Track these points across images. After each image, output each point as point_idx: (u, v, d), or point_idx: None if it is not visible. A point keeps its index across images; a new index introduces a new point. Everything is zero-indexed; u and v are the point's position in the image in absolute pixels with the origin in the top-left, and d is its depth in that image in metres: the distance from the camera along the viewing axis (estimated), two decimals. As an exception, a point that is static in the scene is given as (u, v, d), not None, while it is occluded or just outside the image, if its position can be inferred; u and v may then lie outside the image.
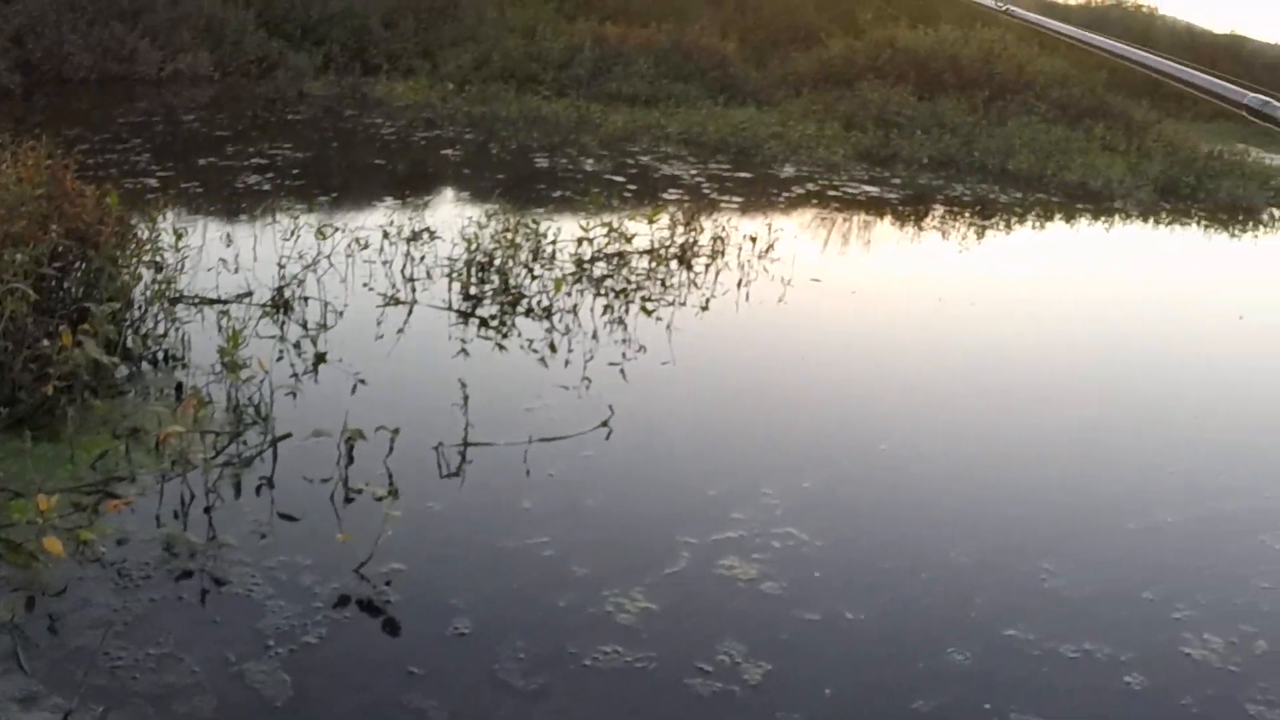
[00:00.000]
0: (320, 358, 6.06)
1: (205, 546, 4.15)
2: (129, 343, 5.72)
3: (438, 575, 4.16)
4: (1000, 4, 3.90)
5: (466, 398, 5.18)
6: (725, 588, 4.24)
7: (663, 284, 8.08)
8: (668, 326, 7.22)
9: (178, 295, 6.50)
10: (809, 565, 4.47)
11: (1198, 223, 15.46)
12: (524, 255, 7.97)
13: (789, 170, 13.86)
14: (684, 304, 7.75)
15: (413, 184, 10.79)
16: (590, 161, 12.33)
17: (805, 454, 5.66)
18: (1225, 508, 5.71)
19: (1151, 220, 14.77)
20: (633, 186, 11.40)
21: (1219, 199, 17.45)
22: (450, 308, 7.10)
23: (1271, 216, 17.15)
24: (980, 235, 12.13)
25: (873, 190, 13.55)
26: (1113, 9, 44.63)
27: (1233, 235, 15.08)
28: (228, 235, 8.16)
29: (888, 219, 12.34)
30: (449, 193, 10.47)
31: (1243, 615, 4.56)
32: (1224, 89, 2.50)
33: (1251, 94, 2.44)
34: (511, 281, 7.55)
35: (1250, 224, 16.14)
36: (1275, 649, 4.36)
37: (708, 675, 3.69)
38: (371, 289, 7.39)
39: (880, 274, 9.63)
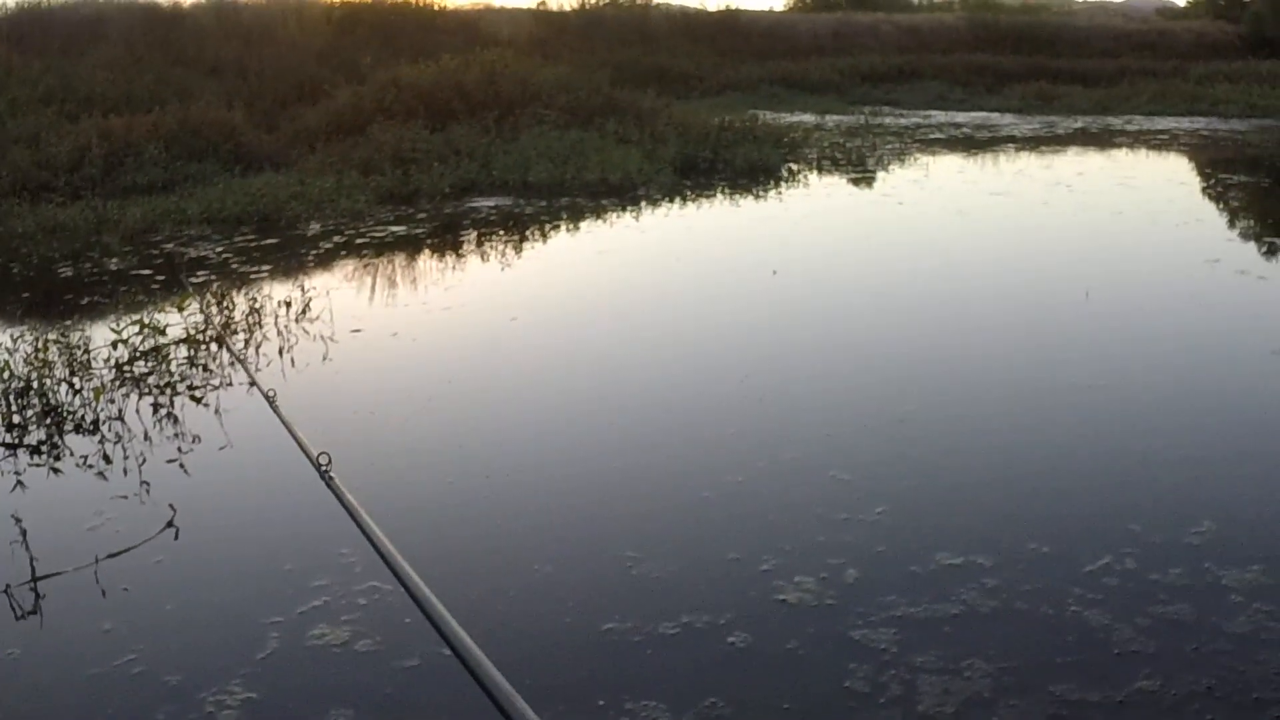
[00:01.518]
0: None
1: None
2: None
3: None
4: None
5: (25, 532, 5.21)
6: (321, 656, 4.43)
7: (205, 369, 8.14)
8: (218, 410, 7.32)
9: None
10: (398, 614, 4.68)
11: (721, 192, 16.46)
12: (61, 372, 7.88)
13: (315, 227, 14.00)
14: (231, 384, 7.83)
15: (-67, 323, 10.44)
16: (115, 261, 12.15)
17: (372, 504, 5.88)
18: (789, 455, 6.30)
19: (677, 200, 15.64)
20: (160, 277, 11.33)
21: (737, 167, 18.62)
22: (-5, 443, 7.01)
23: (790, 172, 18.41)
24: (517, 250, 12.63)
25: (400, 229, 13.87)
26: (608, 7, 46.34)
27: (757, 197, 16.12)
28: None
29: (420, 254, 12.67)
30: (-27, 324, 10.19)
31: (828, 550, 5.10)
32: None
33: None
34: (53, 401, 7.46)
35: (770, 183, 17.30)
36: (865, 575, 4.91)
37: (315, 744, 3.89)
38: (-96, 442, 7.19)
39: (419, 310, 9.92)
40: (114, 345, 8.24)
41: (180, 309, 8.76)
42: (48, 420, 7.22)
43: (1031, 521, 5.48)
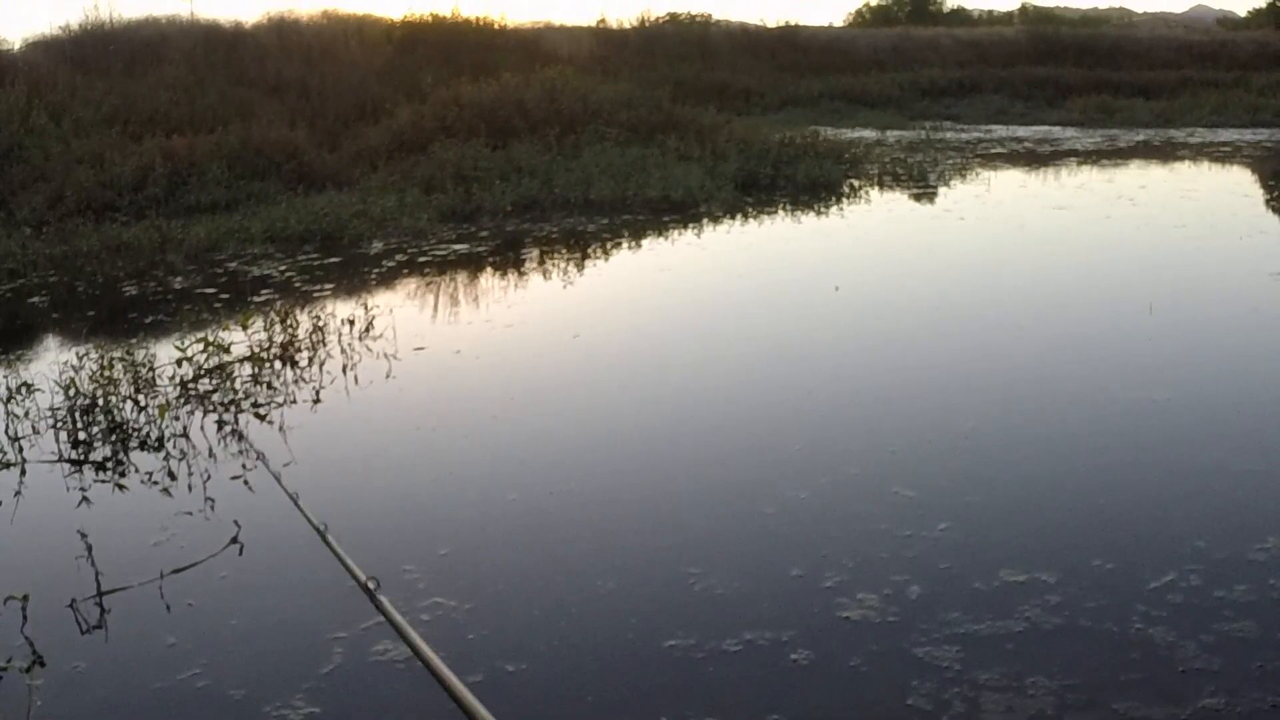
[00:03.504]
0: (-68, 541, 5.97)
1: None
2: None
3: (95, 732, 4.20)
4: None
5: (90, 547, 5.27)
6: (384, 672, 4.45)
7: (269, 386, 8.23)
8: (281, 428, 7.39)
9: None
10: (461, 630, 4.73)
11: (783, 208, 16.46)
12: (126, 389, 7.97)
13: (378, 246, 14.11)
14: (295, 402, 7.91)
15: (2, 340, 10.58)
16: (179, 279, 12.29)
17: (441, 522, 5.94)
18: (852, 471, 6.30)
19: (739, 216, 15.64)
20: (224, 295, 11.45)
21: (798, 183, 18.60)
22: (62, 459, 7.05)
23: (851, 188, 18.38)
24: (579, 267, 12.69)
25: (462, 248, 13.95)
26: (668, 23, 46.47)
27: (818, 213, 16.11)
28: None
29: (482, 272, 12.74)
30: (42, 341, 10.30)
31: (892, 567, 5.09)
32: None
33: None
34: (118, 418, 7.55)
35: (832, 199, 17.28)
36: (928, 591, 4.90)
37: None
38: (-26, 459, 7.29)
39: (482, 327, 9.96)
40: (178, 363, 8.33)
41: (245, 326, 8.85)
42: (113, 437, 7.31)
43: (1095, 538, 5.44)
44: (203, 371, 8.37)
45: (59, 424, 7.52)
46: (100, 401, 7.70)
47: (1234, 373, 8.25)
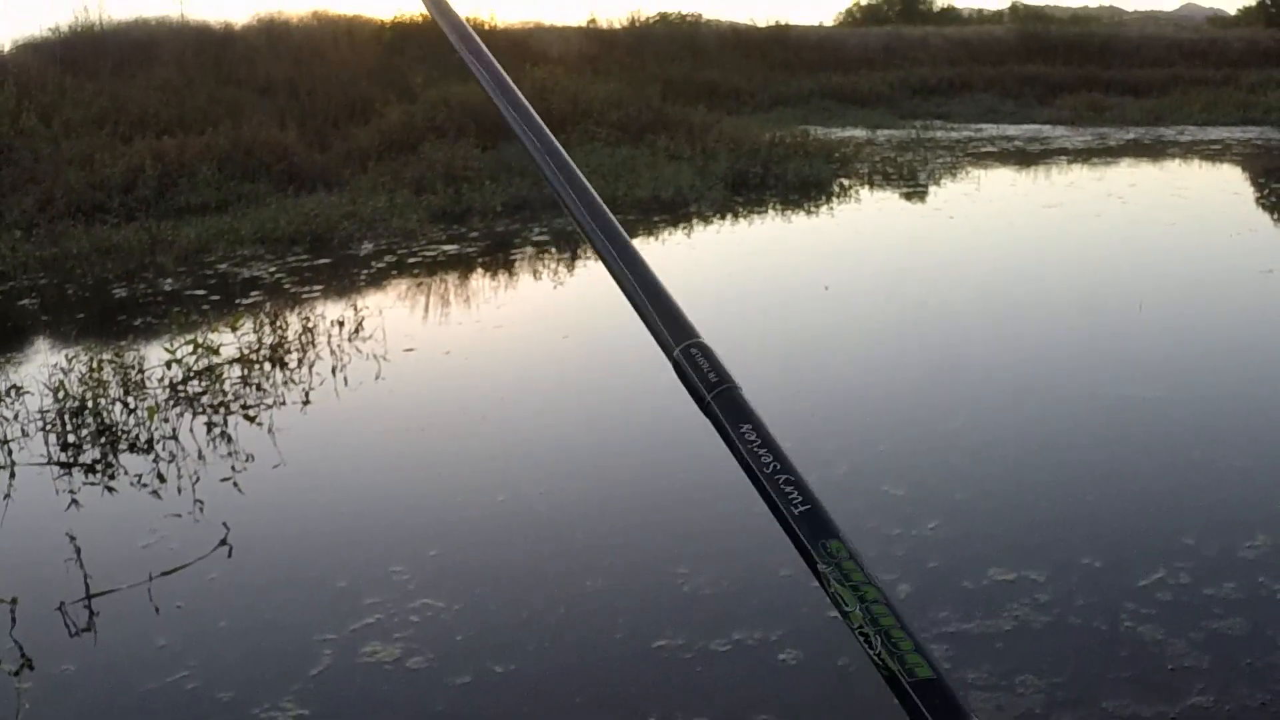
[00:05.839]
0: (-79, 544, 5.97)
1: None
2: None
3: (83, 733, 4.20)
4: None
5: (79, 550, 5.27)
6: (374, 673, 4.46)
7: (259, 388, 8.22)
8: (270, 430, 7.38)
9: None
10: (450, 631, 4.73)
11: (773, 207, 16.46)
12: (115, 391, 7.97)
13: (368, 247, 14.09)
14: (284, 403, 7.90)
15: (-9, 343, 10.56)
16: (169, 281, 12.27)
17: (430, 523, 5.94)
18: (841, 471, 6.26)
19: (729, 216, 15.65)
20: (214, 297, 11.43)
21: (789, 182, 18.60)
22: (51, 462, 7.04)
23: (841, 187, 18.39)
24: (569, 268, 12.69)
25: (452, 249, 13.94)
26: (658, 23, 46.47)
27: (808, 212, 16.11)
28: None
29: (472, 273, 12.73)
30: (32, 344, 10.28)
31: (880, 566, 5.09)
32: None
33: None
34: (107, 420, 7.54)
35: (822, 198, 17.28)
36: (917, 590, 4.88)
37: (364, 758, 3.93)
38: (-37, 462, 7.28)
39: (472, 328, 9.96)
40: (168, 365, 8.32)
41: (234, 328, 8.84)
42: (102, 439, 7.30)
43: (1084, 535, 5.45)
44: (192, 373, 8.36)
45: (48, 426, 7.51)
46: (89, 404, 7.70)
47: (1223, 370, 8.26)
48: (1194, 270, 12.07)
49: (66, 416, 7.60)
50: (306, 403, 7.92)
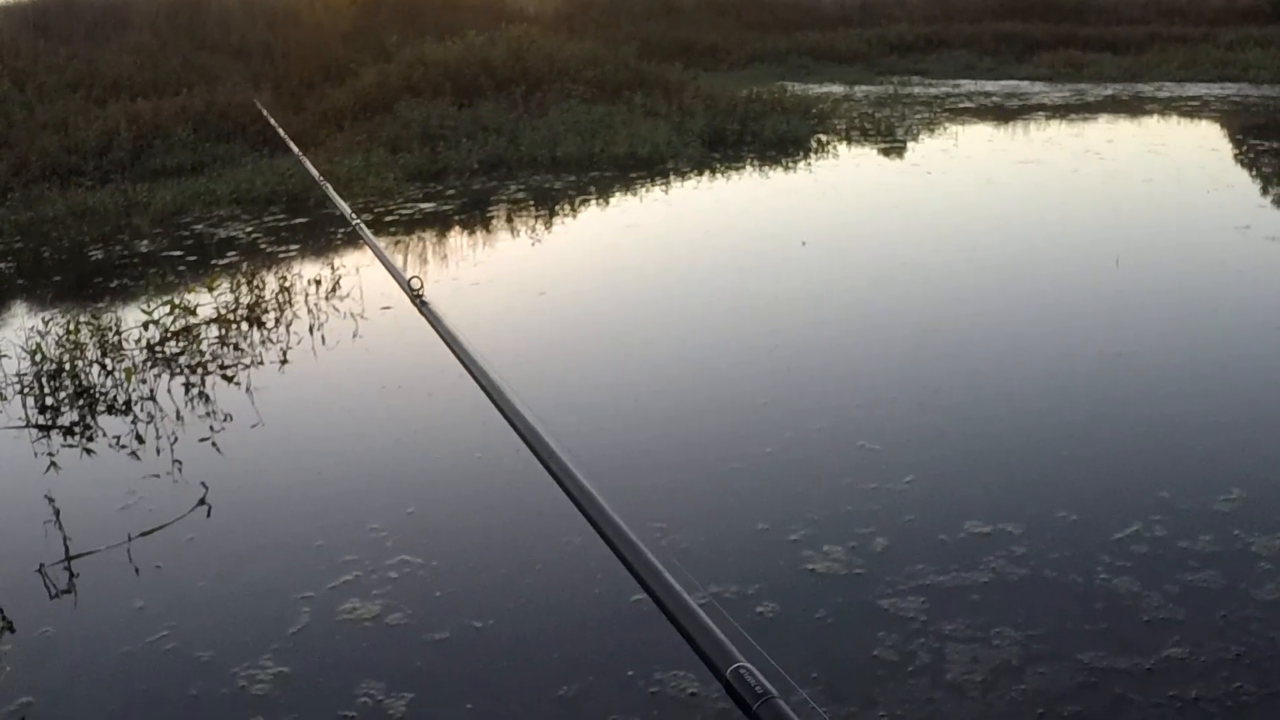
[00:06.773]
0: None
1: None
2: None
3: (66, 697, 4.20)
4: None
5: (58, 512, 5.27)
6: (352, 630, 4.47)
7: (236, 348, 8.20)
8: (249, 389, 7.37)
9: None
10: (428, 588, 4.75)
11: (750, 164, 16.44)
12: (92, 353, 7.94)
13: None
14: (262, 363, 7.89)
15: (-33, 307, 10.52)
16: (145, 243, 12.22)
17: (407, 480, 5.95)
18: (818, 426, 6.31)
19: (706, 172, 15.63)
20: (191, 258, 11.39)
21: (766, 138, 18.57)
22: (29, 424, 7.01)
23: (819, 143, 18.37)
24: (546, 225, 12.67)
25: (428, 206, 13.90)
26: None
27: (785, 169, 16.09)
28: None
29: (449, 230, 12.69)
30: (8, 307, 10.22)
31: (857, 520, 5.12)
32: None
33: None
34: (85, 382, 7.52)
35: (799, 154, 17.27)
36: (893, 544, 4.92)
37: None
38: (-60, 425, 7.25)
39: (448, 286, 9.93)
40: (145, 326, 8.30)
41: (210, 288, 8.81)
42: (80, 401, 7.29)
43: (1060, 489, 5.48)
44: (169, 334, 8.34)
45: (25, 390, 7.48)
46: (67, 366, 7.68)
47: (1200, 326, 8.29)
48: (1171, 226, 12.11)
49: (44, 379, 7.58)
50: (284, 362, 7.91)
